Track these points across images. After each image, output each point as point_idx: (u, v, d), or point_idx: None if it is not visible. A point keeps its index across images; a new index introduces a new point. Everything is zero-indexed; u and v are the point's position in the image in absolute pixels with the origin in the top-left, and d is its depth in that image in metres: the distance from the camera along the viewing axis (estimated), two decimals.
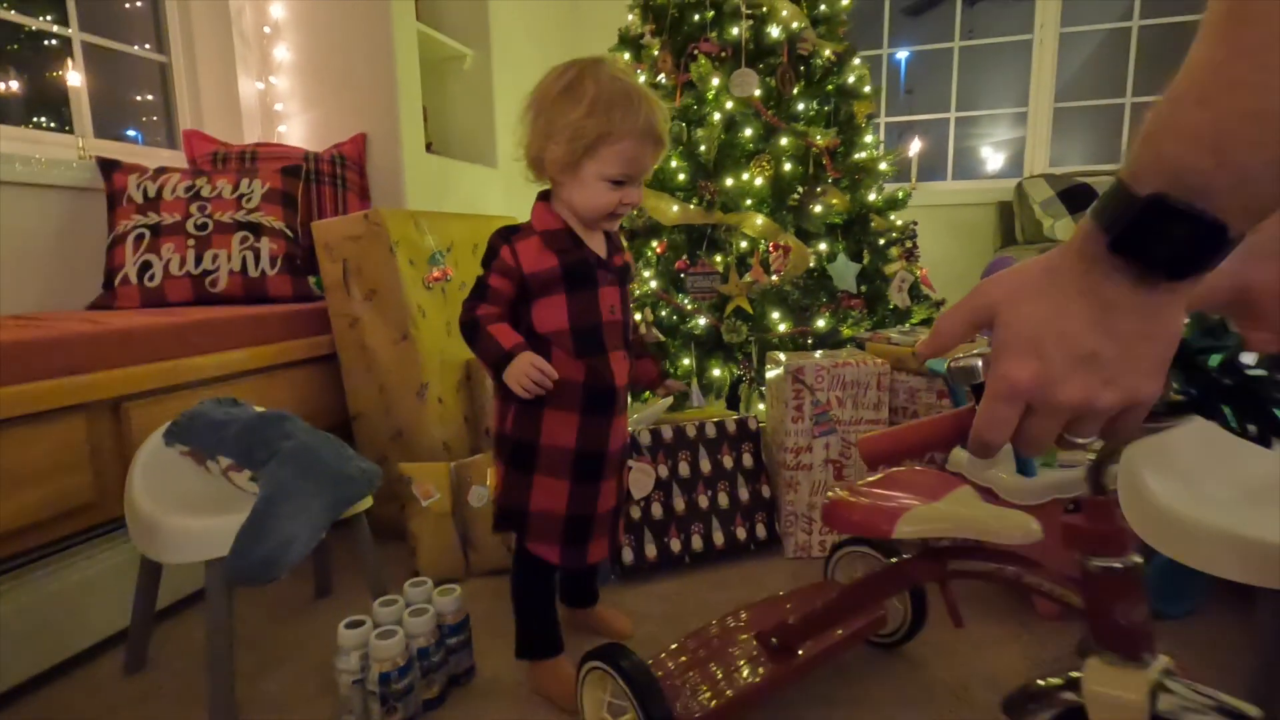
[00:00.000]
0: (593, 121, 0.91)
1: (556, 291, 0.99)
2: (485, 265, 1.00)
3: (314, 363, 1.68)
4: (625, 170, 0.93)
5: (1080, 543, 0.57)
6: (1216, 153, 0.31)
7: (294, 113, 2.30)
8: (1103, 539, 0.55)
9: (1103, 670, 0.55)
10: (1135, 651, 0.54)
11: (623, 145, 0.92)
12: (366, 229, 1.60)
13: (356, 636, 1.00)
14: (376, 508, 1.59)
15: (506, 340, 0.95)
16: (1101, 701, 0.55)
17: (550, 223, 1.00)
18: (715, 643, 1.00)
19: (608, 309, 1.02)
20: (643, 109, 0.92)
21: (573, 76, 0.94)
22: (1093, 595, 0.56)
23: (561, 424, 0.99)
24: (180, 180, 1.76)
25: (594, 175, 0.94)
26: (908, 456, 0.60)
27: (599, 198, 0.95)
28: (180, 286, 1.69)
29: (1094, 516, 0.56)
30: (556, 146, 0.94)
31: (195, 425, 1.16)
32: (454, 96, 2.74)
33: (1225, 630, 1.16)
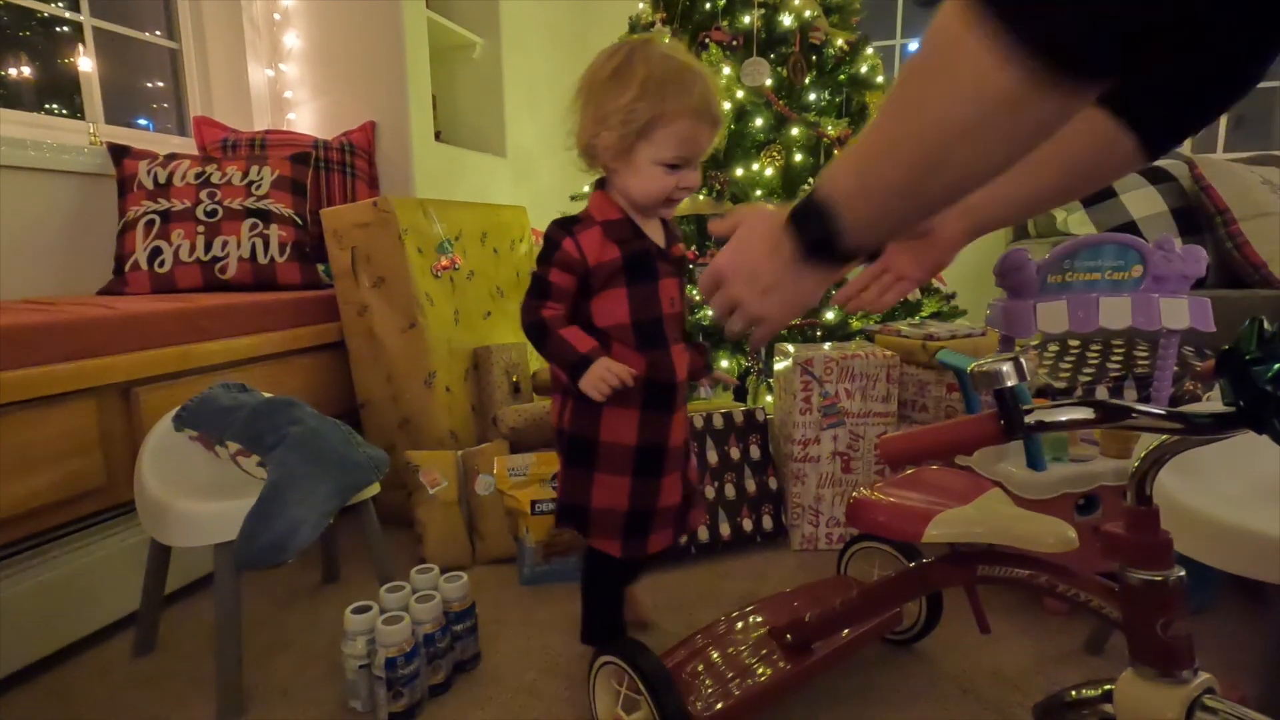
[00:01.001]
0: (644, 104, 0.86)
1: (618, 284, 0.94)
2: (543, 260, 0.94)
3: (322, 350, 1.68)
4: (681, 152, 0.89)
5: (1121, 554, 0.55)
6: (860, 182, 0.49)
7: (303, 100, 2.30)
8: (1144, 550, 0.53)
9: (1138, 685, 0.53)
10: (1173, 667, 0.52)
11: (677, 126, 0.87)
12: (375, 216, 1.59)
13: (363, 622, 1.00)
14: (384, 495, 1.60)
15: (581, 344, 0.92)
16: (1133, 718, 0.53)
17: (610, 212, 0.95)
18: (728, 638, 1.00)
19: (668, 301, 0.97)
20: (696, 87, 0.88)
21: (622, 58, 0.89)
22: (1131, 608, 0.54)
23: (621, 420, 0.96)
24: (190, 167, 1.76)
25: (648, 160, 0.89)
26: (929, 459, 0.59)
27: (655, 183, 0.90)
28: (190, 273, 1.69)
29: (1136, 527, 0.54)
30: (609, 132, 0.89)
31: (204, 410, 1.16)
32: (463, 85, 2.73)
33: (1238, 626, 1.15)
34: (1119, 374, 1.50)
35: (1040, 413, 0.48)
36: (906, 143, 0.44)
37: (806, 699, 1.02)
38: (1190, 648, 0.52)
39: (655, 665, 0.84)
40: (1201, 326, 1.23)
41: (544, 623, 1.25)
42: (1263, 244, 1.91)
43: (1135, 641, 0.54)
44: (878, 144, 0.47)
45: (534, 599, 1.34)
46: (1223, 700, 0.52)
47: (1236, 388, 0.46)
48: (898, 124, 0.45)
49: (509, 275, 2.01)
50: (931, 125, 0.42)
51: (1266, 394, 0.44)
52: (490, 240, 1.93)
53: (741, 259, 0.59)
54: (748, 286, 0.58)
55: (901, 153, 0.45)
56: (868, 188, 0.48)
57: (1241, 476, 1.01)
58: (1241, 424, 0.46)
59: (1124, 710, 0.54)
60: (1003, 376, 0.46)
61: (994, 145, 0.42)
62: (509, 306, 1.99)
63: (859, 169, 0.49)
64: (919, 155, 0.44)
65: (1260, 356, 0.45)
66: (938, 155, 0.43)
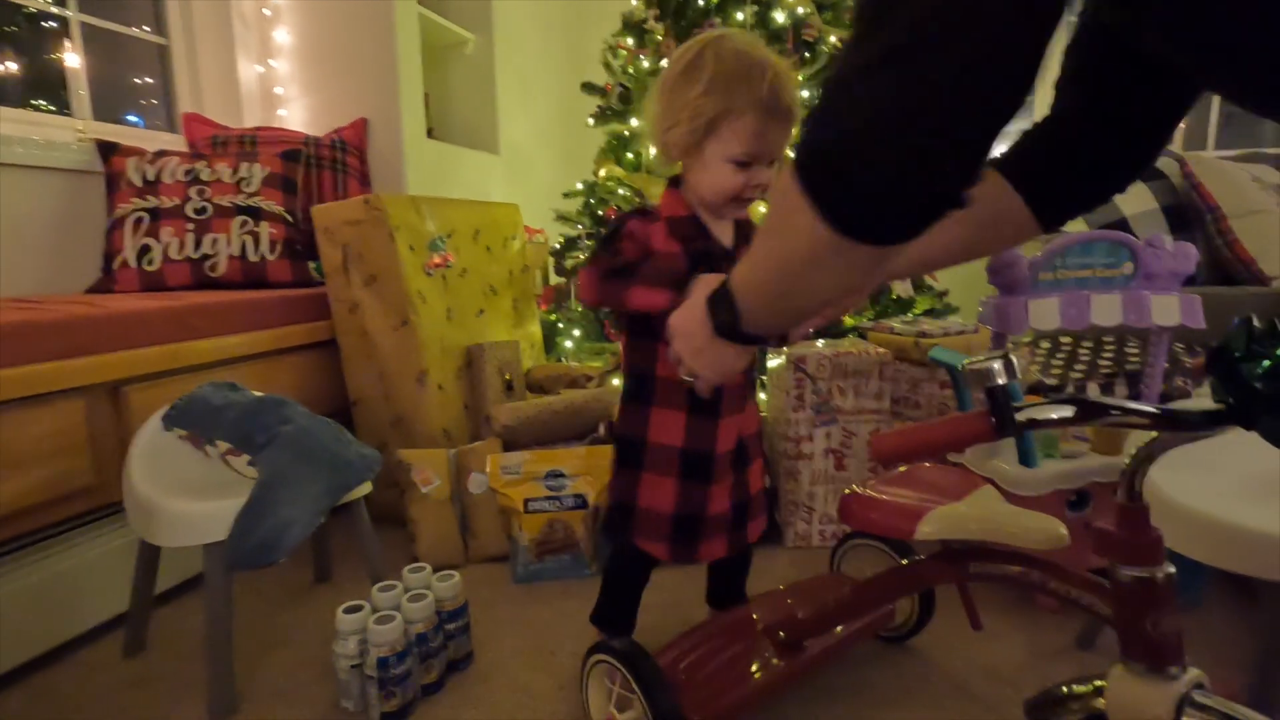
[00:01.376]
0: (711, 100, 0.84)
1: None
2: (608, 240, 0.93)
3: (314, 348, 1.67)
4: (749, 149, 0.85)
5: (1111, 550, 0.55)
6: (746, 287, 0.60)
7: (294, 96, 2.28)
8: (1135, 547, 0.54)
9: (1129, 681, 0.53)
10: (1164, 663, 0.52)
11: (744, 121, 0.84)
12: (367, 214, 1.59)
13: (355, 621, 1.00)
14: (376, 494, 1.59)
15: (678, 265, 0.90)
16: (1124, 714, 0.53)
17: (677, 209, 0.93)
18: (720, 636, 1.00)
19: None
20: (765, 81, 0.84)
21: (694, 53, 0.87)
22: (1122, 605, 0.54)
23: (669, 421, 0.94)
24: (179, 164, 1.75)
25: (717, 156, 0.87)
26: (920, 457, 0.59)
27: (723, 180, 0.87)
28: (179, 271, 1.68)
29: (1126, 524, 0.54)
30: (678, 128, 0.87)
31: (194, 409, 1.16)
32: (456, 82, 2.71)
33: (1227, 622, 1.16)
34: (1110, 371, 1.51)
35: (1031, 410, 0.48)
36: (767, 264, 0.55)
37: (800, 696, 1.02)
38: (1180, 644, 0.53)
39: (648, 663, 0.84)
40: (1192, 323, 1.23)
41: (537, 621, 1.25)
42: (1253, 241, 1.93)
43: (1126, 637, 0.54)
44: (753, 259, 0.57)
45: (527, 597, 1.33)
46: (1212, 696, 0.52)
47: (1226, 385, 0.46)
48: (762, 248, 0.56)
49: (502, 273, 2.00)
50: (780, 258, 0.52)
51: (1256, 391, 0.44)
52: (483, 238, 1.93)
53: (683, 322, 0.69)
54: (686, 345, 0.69)
55: (766, 273, 0.56)
56: (751, 292, 0.59)
57: (1233, 473, 1.01)
58: (1231, 421, 0.46)
59: (1114, 706, 0.54)
60: (994, 374, 0.46)
61: (831, 275, 0.50)
62: (502, 304, 1.98)
63: (745, 277, 0.59)
64: (776, 277, 0.55)
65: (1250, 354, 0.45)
66: (788, 281, 0.54)
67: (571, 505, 1.41)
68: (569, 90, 2.46)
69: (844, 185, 0.44)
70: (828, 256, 0.47)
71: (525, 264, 2.14)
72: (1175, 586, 0.53)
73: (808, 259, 0.49)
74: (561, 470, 1.43)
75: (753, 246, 0.58)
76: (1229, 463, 1.03)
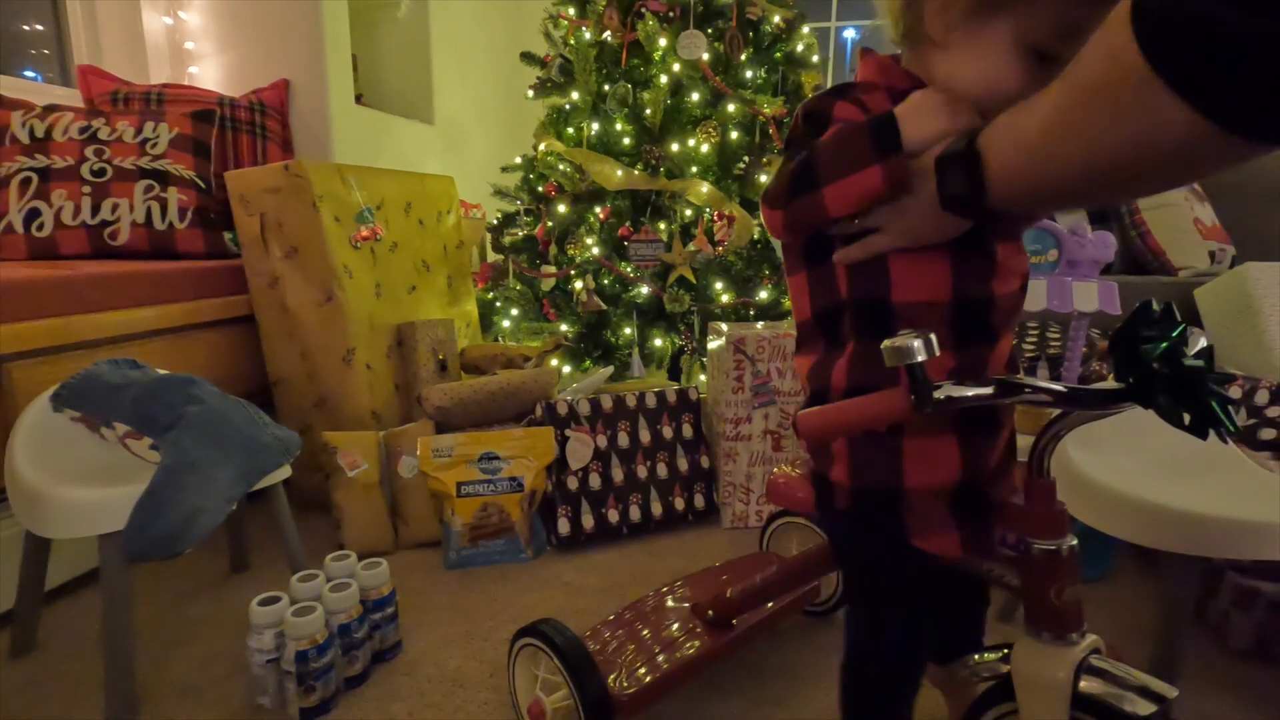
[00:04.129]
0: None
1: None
2: (798, 141, 0.61)
3: (229, 324, 1.57)
4: (1059, 38, 0.51)
5: (1020, 524, 0.57)
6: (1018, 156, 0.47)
7: (207, 53, 2.11)
8: (1043, 522, 0.56)
9: (1032, 647, 0.56)
10: (1065, 631, 0.55)
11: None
12: (287, 181, 1.49)
13: (270, 614, 0.94)
14: (300, 478, 1.51)
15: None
16: (1028, 679, 0.56)
17: (899, 80, 0.60)
18: (651, 615, 0.99)
19: (1007, 273, 0.63)
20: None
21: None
22: (1030, 576, 0.56)
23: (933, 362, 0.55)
24: (74, 120, 1.59)
25: (1007, 40, 0.53)
26: (842, 433, 0.59)
27: (1005, 77, 0.54)
28: (74, 238, 1.54)
29: (1033, 499, 0.56)
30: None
31: (88, 388, 1.06)
32: (388, 46, 2.58)
33: (1134, 592, 1.22)
34: (1033, 355, 1.57)
35: (947, 388, 0.49)
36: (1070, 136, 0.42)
37: (729, 673, 1.02)
38: (1080, 612, 0.55)
39: (573, 644, 0.83)
40: (1109, 309, 1.29)
41: (469, 608, 1.21)
42: (1163, 233, 2.03)
43: (1032, 607, 0.56)
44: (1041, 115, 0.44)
45: (459, 584, 1.29)
46: (1107, 659, 0.55)
47: (1126, 365, 0.47)
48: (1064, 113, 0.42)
49: (435, 248, 1.92)
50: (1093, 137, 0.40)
51: (1153, 371, 0.46)
52: (415, 211, 1.84)
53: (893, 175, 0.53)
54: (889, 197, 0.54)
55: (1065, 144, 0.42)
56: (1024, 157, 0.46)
57: (1142, 452, 1.06)
58: (1130, 399, 0.48)
59: (1019, 670, 0.57)
60: (913, 351, 0.46)
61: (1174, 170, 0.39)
62: (435, 281, 1.91)
63: (1018, 136, 0.46)
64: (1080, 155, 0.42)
65: (1149, 336, 0.47)
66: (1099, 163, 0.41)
67: (507, 489, 1.38)
68: (508, 60, 2.37)
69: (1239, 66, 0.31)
70: (1187, 151, 0.36)
71: (461, 240, 2.06)
72: (1078, 558, 0.55)
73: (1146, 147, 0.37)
74: (496, 453, 1.39)
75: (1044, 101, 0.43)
76: (1139, 442, 1.08)
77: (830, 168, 0.55)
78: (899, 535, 0.59)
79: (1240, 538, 0.87)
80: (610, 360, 1.94)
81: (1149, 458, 1.05)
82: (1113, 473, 0.99)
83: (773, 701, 0.97)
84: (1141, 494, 0.93)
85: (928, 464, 0.59)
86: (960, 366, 0.58)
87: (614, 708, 0.81)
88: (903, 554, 0.60)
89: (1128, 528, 0.94)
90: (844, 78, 3.70)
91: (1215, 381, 0.44)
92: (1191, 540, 0.88)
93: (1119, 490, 0.95)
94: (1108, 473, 0.99)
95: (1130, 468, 1.02)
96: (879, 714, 0.66)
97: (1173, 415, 0.46)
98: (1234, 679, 1.01)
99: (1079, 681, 0.53)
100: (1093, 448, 1.07)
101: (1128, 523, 0.95)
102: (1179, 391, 0.45)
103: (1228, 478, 1.03)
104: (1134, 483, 0.96)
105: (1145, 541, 0.92)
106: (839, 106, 0.58)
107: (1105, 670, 0.54)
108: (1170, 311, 0.48)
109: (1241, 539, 0.87)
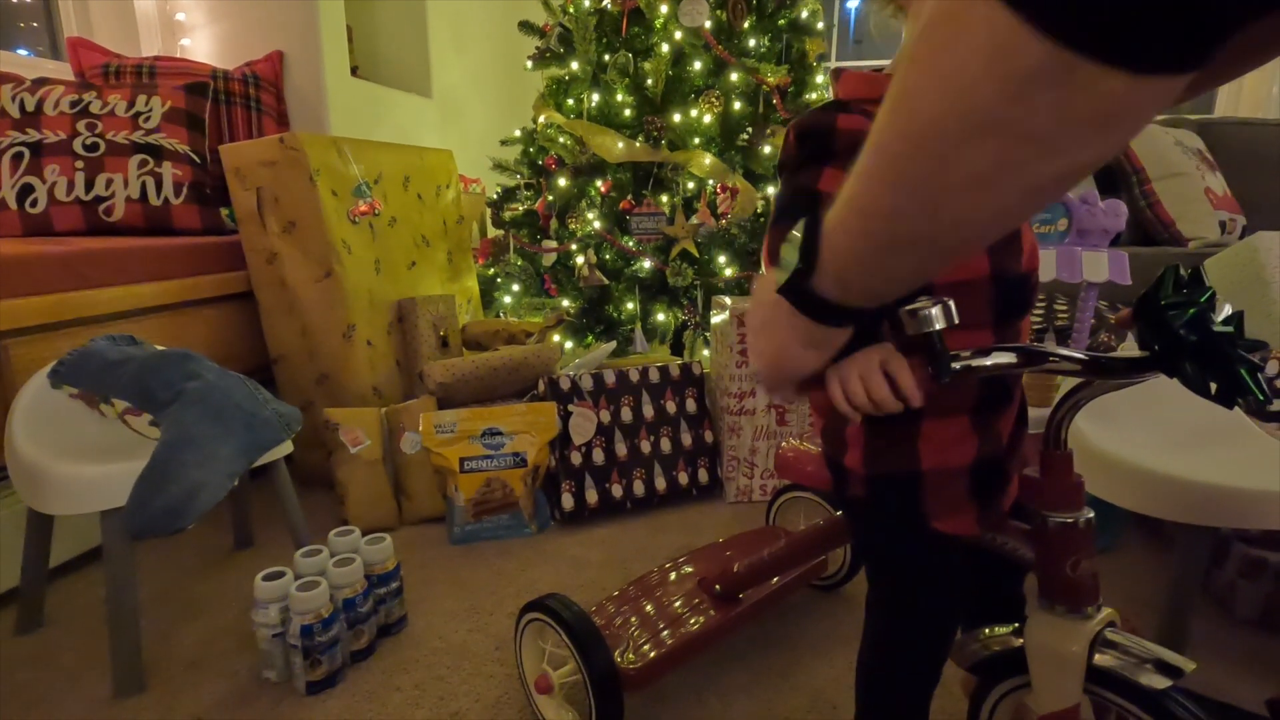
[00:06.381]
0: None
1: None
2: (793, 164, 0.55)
3: (228, 300, 1.55)
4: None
5: (1035, 497, 0.56)
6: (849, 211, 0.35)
7: (199, 25, 2.07)
8: (1060, 494, 0.54)
9: (1047, 620, 0.55)
10: (1080, 604, 0.54)
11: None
12: (283, 154, 1.46)
13: (275, 589, 0.94)
14: (303, 455, 1.51)
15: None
16: (1041, 652, 0.55)
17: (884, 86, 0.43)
18: (658, 590, 0.99)
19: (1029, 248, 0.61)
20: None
21: None
22: (1045, 549, 0.55)
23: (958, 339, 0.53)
24: (65, 94, 1.56)
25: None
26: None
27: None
28: (69, 214, 1.52)
29: (1051, 472, 0.55)
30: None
31: (86, 365, 1.05)
32: (383, 17, 2.53)
33: (1139, 564, 1.22)
34: (1040, 326, 1.55)
35: (967, 358, 0.47)
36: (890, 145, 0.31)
37: (737, 647, 1.02)
38: (1096, 585, 0.54)
39: (580, 619, 0.82)
40: (1119, 279, 1.27)
41: (474, 583, 1.21)
42: (1173, 203, 2.00)
43: (1046, 580, 0.55)
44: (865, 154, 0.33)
45: (464, 559, 1.29)
46: (1121, 633, 0.54)
47: (1151, 333, 0.46)
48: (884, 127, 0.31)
49: (435, 223, 1.90)
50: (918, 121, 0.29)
51: (1179, 338, 0.44)
52: (414, 185, 1.82)
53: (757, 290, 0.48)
54: (751, 315, 0.48)
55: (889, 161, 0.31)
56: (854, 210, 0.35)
57: (1151, 424, 1.05)
58: (1154, 368, 0.46)
59: (1033, 643, 0.56)
60: (931, 319, 0.44)
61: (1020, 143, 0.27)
62: (435, 256, 1.89)
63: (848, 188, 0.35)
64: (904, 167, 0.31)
65: (1175, 303, 0.45)
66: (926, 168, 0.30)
67: (510, 464, 1.37)
68: (507, 30, 2.32)
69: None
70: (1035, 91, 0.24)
71: (461, 215, 2.04)
72: (1094, 531, 0.54)
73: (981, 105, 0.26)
74: (499, 428, 1.38)
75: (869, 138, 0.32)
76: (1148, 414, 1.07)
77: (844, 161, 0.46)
78: (918, 520, 0.58)
79: (1249, 508, 0.86)
80: (613, 335, 1.92)
81: (1158, 429, 1.04)
82: (1122, 444, 0.98)
83: (778, 674, 0.98)
84: (1151, 465, 0.92)
85: (943, 445, 0.57)
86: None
87: (621, 681, 0.80)
88: (923, 538, 0.58)
89: (1137, 499, 0.93)
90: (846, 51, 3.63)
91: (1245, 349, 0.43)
92: (1201, 511, 0.88)
93: (1128, 461, 0.94)
94: (1116, 444, 0.98)
95: (1139, 439, 1.01)
96: (897, 704, 0.64)
97: (1199, 384, 0.44)
98: (1240, 648, 1.01)
99: (1093, 655, 0.53)
100: (1101, 419, 1.06)
101: (1137, 494, 0.94)
102: (1206, 359, 0.44)
103: (1236, 449, 1.02)
104: (1143, 454, 0.95)
105: (1155, 513, 0.91)
106: (842, 119, 0.53)
107: (1120, 644, 0.53)
108: (1198, 277, 0.46)
109: (1251, 509, 0.86)
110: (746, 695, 0.94)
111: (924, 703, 0.63)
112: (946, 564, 0.60)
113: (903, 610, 0.63)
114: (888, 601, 0.64)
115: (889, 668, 0.65)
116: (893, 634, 0.64)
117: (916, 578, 0.61)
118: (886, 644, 0.65)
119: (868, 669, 0.66)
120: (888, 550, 0.63)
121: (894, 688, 0.64)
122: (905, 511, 0.58)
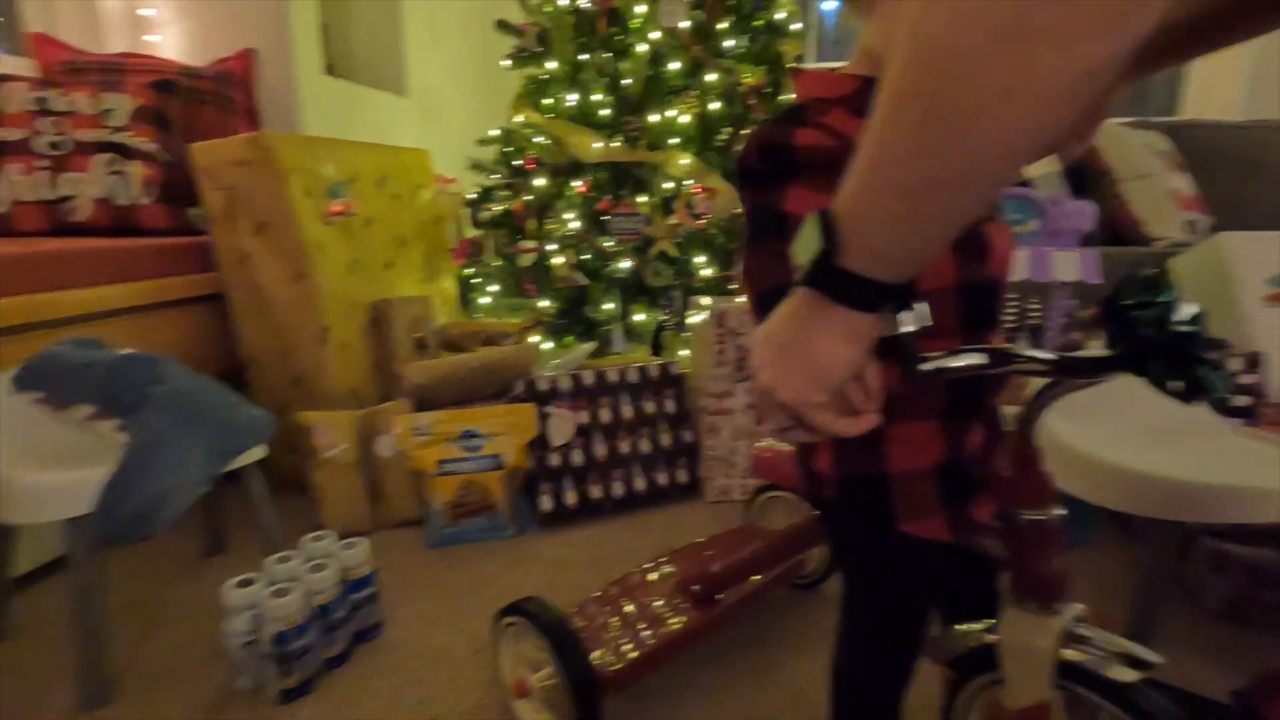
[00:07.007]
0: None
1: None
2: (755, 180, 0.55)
3: (198, 302, 1.52)
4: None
5: (1009, 495, 0.56)
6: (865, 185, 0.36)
7: (166, 21, 2.03)
8: (1031, 493, 0.55)
9: (1019, 617, 0.55)
10: (1050, 600, 0.54)
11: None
12: (254, 153, 1.43)
13: (245, 596, 0.92)
14: (277, 459, 1.48)
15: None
16: (1013, 648, 0.56)
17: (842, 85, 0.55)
18: (637, 591, 0.99)
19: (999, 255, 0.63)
20: None
21: None
22: (1018, 546, 0.55)
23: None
24: (27, 90, 1.52)
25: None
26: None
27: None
28: (32, 214, 1.48)
29: (1022, 469, 0.55)
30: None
31: (49, 369, 1.02)
32: (357, 15, 2.49)
33: (1109, 558, 1.24)
34: (1013, 325, 1.57)
35: (937, 359, 0.47)
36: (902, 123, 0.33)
37: (717, 646, 1.02)
38: (1065, 581, 0.55)
39: (557, 621, 0.82)
40: (1090, 278, 1.29)
41: (452, 586, 1.20)
42: (1140, 203, 2.04)
43: (1019, 577, 0.56)
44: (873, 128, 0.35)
45: (441, 562, 1.28)
46: (1090, 627, 0.55)
47: (1117, 332, 0.47)
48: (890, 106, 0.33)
49: (411, 223, 1.88)
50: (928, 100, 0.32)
51: (1146, 338, 0.45)
52: (390, 185, 1.79)
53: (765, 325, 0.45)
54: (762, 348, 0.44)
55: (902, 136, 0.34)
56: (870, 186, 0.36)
57: (1120, 421, 1.07)
58: (1120, 367, 0.47)
59: (1006, 640, 0.56)
60: (899, 322, 0.44)
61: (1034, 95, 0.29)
62: (412, 257, 1.86)
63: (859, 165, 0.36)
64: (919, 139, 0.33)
65: (1141, 302, 0.46)
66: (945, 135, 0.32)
67: (488, 466, 1.36)
68: (484, 29, 2.30)
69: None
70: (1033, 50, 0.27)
71: (438, 215, 2.02)
72: (1065, 528, 0.55)
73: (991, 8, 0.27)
74: (476, 430, 1.37)
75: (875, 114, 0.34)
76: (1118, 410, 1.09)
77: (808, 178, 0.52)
78: (888, 522, 0.58)
79: (1216, 502, 0.88)
80: (591, 336, 1.92)
81: (1126, 426, 1.06)
82: (1092, 441, 1.00)
83: (758, 671, 0.98)
84: (1119, 461, 0.94)
85: (911, 448, 0.57)
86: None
87: (599, 684, 0.80)
88: (894, 540, 0.59)
89: (1107, 495, 0.95)
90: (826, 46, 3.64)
91: (1207, 347, 0.44)
92: (1170, 505, 0.89)
93: (1099, 458, 0.96)
94: (1087, 441, 1.00)
95: (1109, 436, 1.03)
96: (870, 702, 0.65)
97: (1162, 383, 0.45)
98: (1208, 640, 1.03)
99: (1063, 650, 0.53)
100: (1072, 416, 1.07)
101: (1108, 490, 0.95)
102: (1170, 358, 0.44)
103: (1204, 444, 1.04)
104: (1113, 450, 0.97)
105: (1125, 508, 0.93)
106: (799, 134, 0.52)
107: (1089, 638, 0.54)
108: (1162, 277, 0.47)
109: (1217, 503, 0.88)
110: (728, 694, 0.94)
111: (896, 700, 0.64)
112: (917, 565, 0.61)
113: (875, 610, 0.64)
114: (860, 601, 0.65)
115: (862, 666, 0.65)
116: (865, 632, 0.65)
117: (888, 578, 0.62)
118: (859, 643, 0.65)
119: (841, 667, 0.66)
120: (859, 552, 0.64)
121: (867, 686, 0.65)
122: (874, 513, 0.59)
